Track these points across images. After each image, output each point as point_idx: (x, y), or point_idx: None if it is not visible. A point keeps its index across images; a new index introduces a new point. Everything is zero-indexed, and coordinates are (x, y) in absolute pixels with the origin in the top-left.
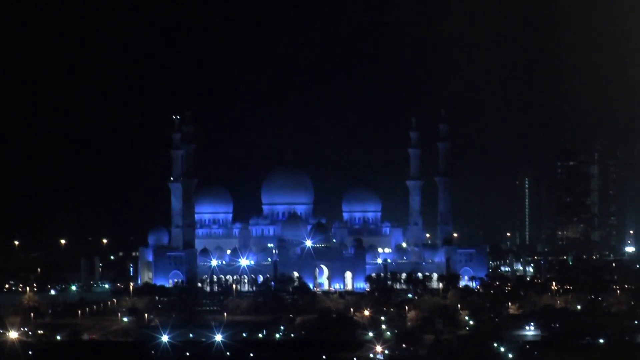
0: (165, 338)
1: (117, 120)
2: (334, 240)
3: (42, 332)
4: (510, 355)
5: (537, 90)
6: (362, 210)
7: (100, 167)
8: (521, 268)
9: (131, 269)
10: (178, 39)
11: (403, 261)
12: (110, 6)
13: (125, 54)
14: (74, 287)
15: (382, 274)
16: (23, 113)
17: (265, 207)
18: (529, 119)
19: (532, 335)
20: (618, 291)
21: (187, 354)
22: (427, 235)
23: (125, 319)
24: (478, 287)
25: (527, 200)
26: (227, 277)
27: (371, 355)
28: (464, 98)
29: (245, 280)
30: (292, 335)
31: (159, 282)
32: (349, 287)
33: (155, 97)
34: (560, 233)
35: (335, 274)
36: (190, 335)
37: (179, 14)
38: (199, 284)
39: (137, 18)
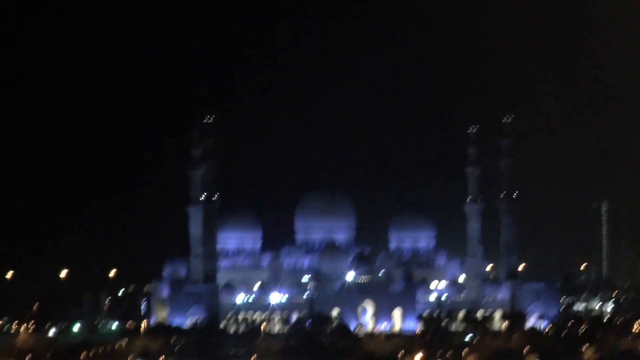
0: None
1: (127, 132)
2: (381, 274)
3: None
4: None
5: (616, 95)
6: (412, 239)
7: (107, 186)
8: (598, 306)
9: (143, 305)
10: (200, 39)
11: (460, 298)
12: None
13: (137, 56)
14: (76, 326)
15: (435, 313)
16: (18, 121)
17: (299, 235)
18: (606, 132)
19: None
20: None
21: None
22: (489, 267)
23: None
24: (547, 328)
25: (604, 226)
26: (255, 315)
27: None
28: (530, 107)
29: (276, 320)
30: None
31: (175, 321)
32: (397, 327)
33: (171, 105)
34: None
35: (381, 313)
36: None
37: (203, 12)
38: (222, 324)
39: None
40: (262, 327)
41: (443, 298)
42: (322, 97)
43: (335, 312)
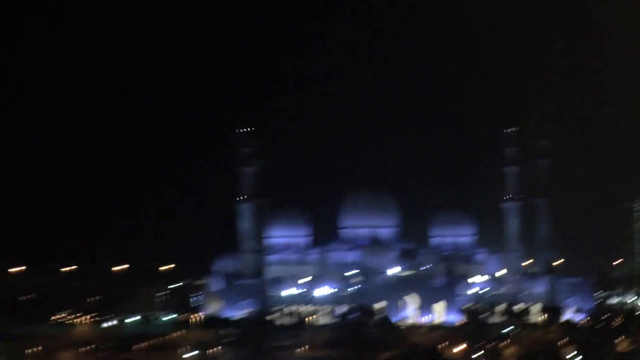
0: None
1: (179, 132)
2: (423, 268)
3: None
4: None
5: None
6: (453, 235)
7: (160, 184)
8: (631, 300)
9: (195, 299)
10: (248, 35)
11: (499, 291)
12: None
13: (187, 54)
14: (131, 319)
15: (476, 306)
16: (74, 118)
17: (345, 231)
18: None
19: None
20: None
21: None
22: (527, 262)
23: (188, 355)
24: (583, 320)
25: (635, 224)
26: (302, 308)
27: None
28: (565, 108)
29: (322, 312)
30: None
31: (226, 314)
32: (439, 320)
33: (221, 104)
34: None
35: (424, 306)
36: None
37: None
38: (271, 316)
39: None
40: (309, 320)
41: (483, 292)
42: (367, 96)
43: (379, 305)
